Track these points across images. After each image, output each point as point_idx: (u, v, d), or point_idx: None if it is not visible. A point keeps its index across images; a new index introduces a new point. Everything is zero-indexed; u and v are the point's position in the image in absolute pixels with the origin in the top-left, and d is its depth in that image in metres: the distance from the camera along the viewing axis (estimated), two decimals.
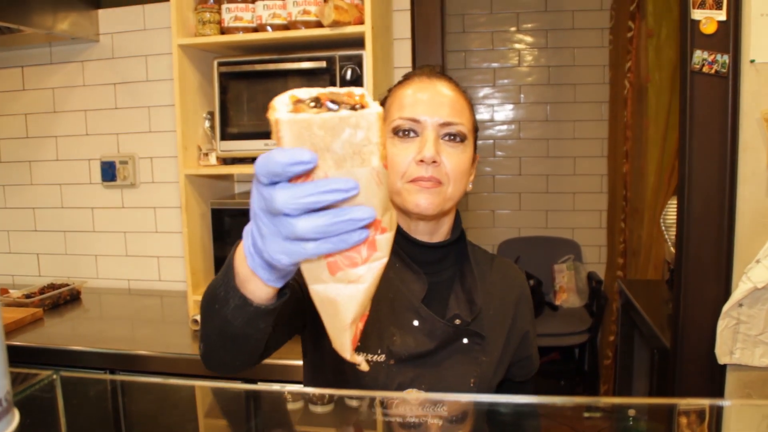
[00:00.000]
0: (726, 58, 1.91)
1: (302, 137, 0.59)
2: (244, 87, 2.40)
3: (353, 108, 0.60)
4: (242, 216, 2.42)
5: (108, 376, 1.51)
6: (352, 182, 0.59)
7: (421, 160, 1.12)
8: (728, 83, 1.93)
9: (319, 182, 0.59)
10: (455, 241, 1.27)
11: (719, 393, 2.07)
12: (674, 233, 2.80)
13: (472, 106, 1.24)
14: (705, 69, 1.94)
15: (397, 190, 1.15)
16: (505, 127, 4.27)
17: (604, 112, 4.03)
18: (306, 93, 0.63)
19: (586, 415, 1.08)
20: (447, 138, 1.15)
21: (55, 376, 1.01)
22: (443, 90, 1.18)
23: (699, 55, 1.93)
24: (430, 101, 1.16)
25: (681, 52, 2.01)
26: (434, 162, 1.12)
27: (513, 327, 1.29)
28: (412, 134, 1.15)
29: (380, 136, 0.61)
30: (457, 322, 1.18)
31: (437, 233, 1.24)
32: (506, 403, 1.28)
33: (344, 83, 2.32)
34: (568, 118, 4.16)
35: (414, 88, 1.19)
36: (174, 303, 2.74)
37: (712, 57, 1.92)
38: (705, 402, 1.47)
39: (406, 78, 1.23)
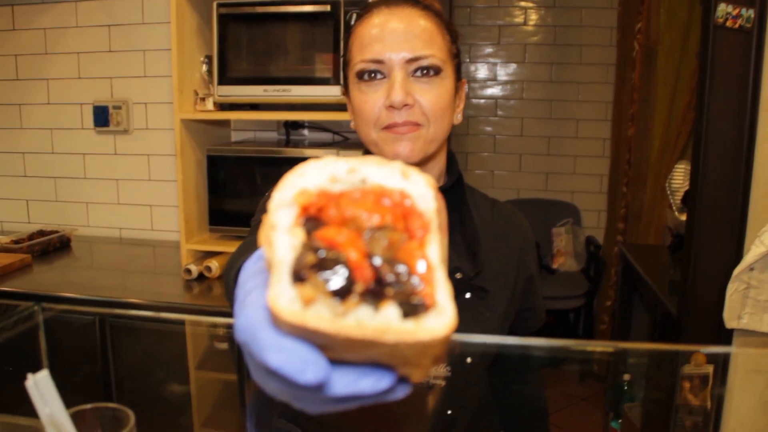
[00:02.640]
0: (751, 12, 1.83)
1: (309, 336, 0.39)
2: (244, 30, 2.32)
3: (408, 301, 0.38)
4: (239, 164, 2.35)
5: (92, 308, 1.47)
6: (386, 379, 0.41)
7: (391, 106, 1.00)
8: (752, 39, 1.85)
9: (340, 379, 0.41)
10: (451, 187, 1.16)
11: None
12: (680, 197, 2.76)
13: (448, 26, 1.10)
14: (728, 23, 1.86)
15: (373, 140, 1.05)
16: (508, 86, 4.18)
17: (610, 75, 3.95)
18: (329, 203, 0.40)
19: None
20: (418, 74, 1.02)
21: (36, 308, 0.96)
22: (407, 18, 1.03)
23: (723, 9, 1.85)
24: (393, 36, 1.01)
25: (704, 4, 1.93)
26: (406, 105, 1.00)
27: (518, 276, 1.21)
28: (378, 76, 1.02)
29: (444, 349, 0.41)
30: (458, 276, 1.10)
31: None
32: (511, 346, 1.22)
33: (348, 28, 2.23)
34: (573, 80, 4.07)
35: (373, 23, 1.03)
36: (166, 253, 2.70)
37: (737, 11, 1.84)
38: (713, 349, 1.43)
39: (366, 11, 1.07)
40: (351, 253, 0.39)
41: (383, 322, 0.38)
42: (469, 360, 1.13)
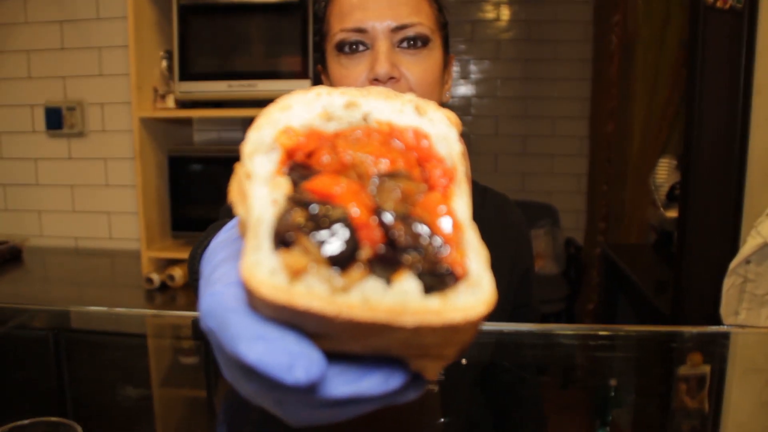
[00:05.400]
0: None
1: (298, 320, 0.30)
2: (206, 23, 2.21)
3: (430, 271, 0.30)
4: (203, 165, 2.21)
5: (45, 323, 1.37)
6: (397, 376, 0.33)
7: (375, 79, 0.91)
8: (744, 20, 1.80)
9: (337, 377, 0.32)
10: None
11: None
12: (665, 193, 2.68)
13: None
14: (719, 4, 1.79)
15: None
16: (481, 84, 4.09)
17: (586, 71, 3.87)
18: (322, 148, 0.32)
19: None
20: (404, 45, 0.94)
21: None
22: None
23: None
24: (376, 2, 0.93)
25: None
26: (392, 78, 0.91)
27: (513, 269, 1.14)
28: (361, 47, 0.94)
29: (475, 333, 0.32)
30: None
31: None
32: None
33: (317, 20, 2.13)
34: (548, 77, 3.99)
35: None
36: (126, 263, 2.58)
37: None
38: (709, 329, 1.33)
39: None
40: (353, 208, 0.30)
41: (399, 299, 0.29)
42: (464, 361, 1.03)
